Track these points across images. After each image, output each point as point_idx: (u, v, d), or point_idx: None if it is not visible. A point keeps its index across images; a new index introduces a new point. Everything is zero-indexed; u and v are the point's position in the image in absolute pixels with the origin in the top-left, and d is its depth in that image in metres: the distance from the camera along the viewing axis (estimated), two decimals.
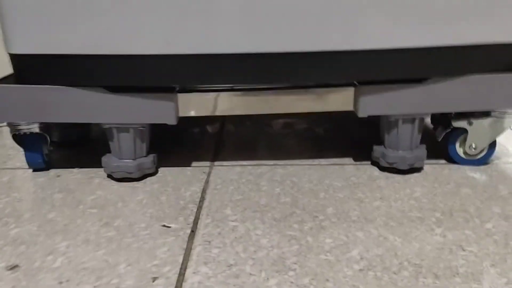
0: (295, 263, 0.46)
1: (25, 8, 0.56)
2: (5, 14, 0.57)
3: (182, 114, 0.63)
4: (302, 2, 0.55)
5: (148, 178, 0.66)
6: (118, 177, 0.64)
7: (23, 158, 0.74)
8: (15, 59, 0.60)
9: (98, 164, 0.68)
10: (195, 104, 0.63)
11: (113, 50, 0.57)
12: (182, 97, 0.62)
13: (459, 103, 0.63)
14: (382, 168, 0.67)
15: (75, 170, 0.69)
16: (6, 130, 0.91)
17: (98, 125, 0.85)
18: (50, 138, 0.68)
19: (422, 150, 0.66)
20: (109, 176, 0.66)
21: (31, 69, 0.60)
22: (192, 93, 0.63)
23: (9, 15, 0.57)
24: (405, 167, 0.65)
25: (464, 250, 0.48)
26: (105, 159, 0.65)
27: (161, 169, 0.68)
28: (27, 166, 0.70)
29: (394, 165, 0.65)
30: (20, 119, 0.62)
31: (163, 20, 0.55)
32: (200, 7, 0.54)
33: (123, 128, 0.62)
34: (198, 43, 0.56)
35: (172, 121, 0.61)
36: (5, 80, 0.63)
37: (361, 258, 0.47)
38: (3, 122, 0.64)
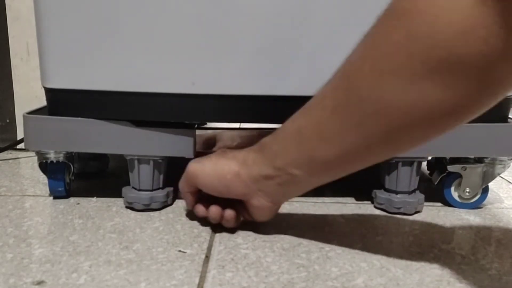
0: None
1: (61, 48, 0.63)
2: (44, 53, 0.64)
3: (198, 149, 0.68)
4: (315, 57, 0.62)
5: (164, 209, 0.70)
6: (137, 207, 0.68)
7: (43, 187, 0.78)
8: (50, 92, 0.66)
9: (115, 195, 0.72)
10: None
11: (141, 88, 0.63)
12: (199, 133, 0.68)
13: (453, 148, 0.68)
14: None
15: (94, 199, 0.73)
16: (25, 160, 0.96)
17: (115, 159, 0.90)
18: (73, 168, 0.73)
19: (417, 196, 0.70)
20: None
21: (64, 102, 0.65)
22: (208, 130, 0.68)
23: (47, 54, 0.64)
24: (393, 210, 0.69)
25: (461, 282, 0.52)
26: (125, 190, 0.69)
27: (175, 202, 0.72)
28: (47, 194, 0.74)
29: (383, 207, 0.71)
30: (50, 147, 0.67)
31: (190, 63, 0.61)
32: (224, 54, 0.61)
33: (144, 160, 0.66)
34: (220, 85, 0.62)
35: (190, 155, 0.66)
36: (39, 111, 0.68)
37: (366, 286, 0.50)
38: (33, 149, 0.69)
